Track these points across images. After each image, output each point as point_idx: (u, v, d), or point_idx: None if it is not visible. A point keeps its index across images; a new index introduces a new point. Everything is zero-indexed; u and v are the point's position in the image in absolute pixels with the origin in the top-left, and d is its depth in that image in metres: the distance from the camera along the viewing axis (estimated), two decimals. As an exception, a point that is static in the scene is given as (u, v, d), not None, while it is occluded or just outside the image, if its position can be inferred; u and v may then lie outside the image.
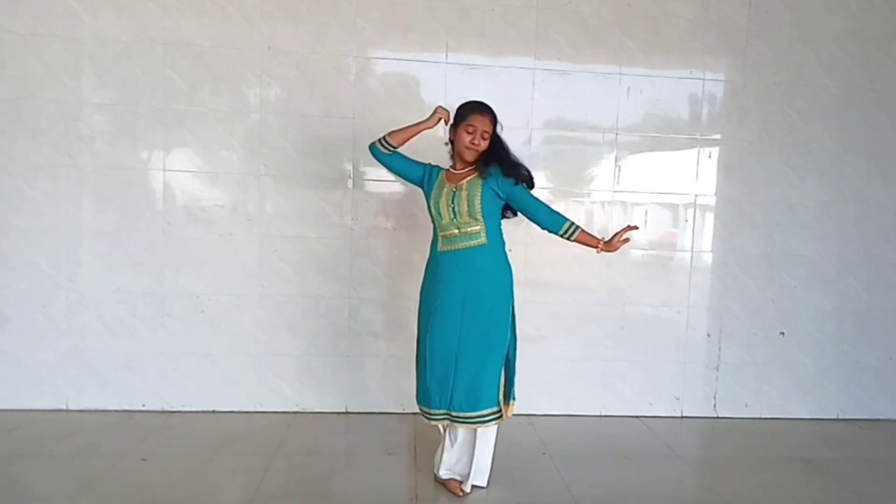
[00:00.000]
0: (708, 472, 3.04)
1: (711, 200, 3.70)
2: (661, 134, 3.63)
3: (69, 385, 3.40)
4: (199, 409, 3.47)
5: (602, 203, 3.64)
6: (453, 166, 2.66)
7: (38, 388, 3.38)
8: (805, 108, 3.68)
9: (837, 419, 3.81)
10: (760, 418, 3.76)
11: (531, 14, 3.49)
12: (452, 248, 2.58)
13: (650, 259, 3.71)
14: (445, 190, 2.58)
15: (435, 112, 2.65)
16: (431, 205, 2.61)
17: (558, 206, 3.56)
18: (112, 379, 3.42)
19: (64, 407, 3.41)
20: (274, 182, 3.44)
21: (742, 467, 3.06)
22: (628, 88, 3.58)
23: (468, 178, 2.58)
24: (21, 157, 3.29)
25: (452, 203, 2.55)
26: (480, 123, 2.54)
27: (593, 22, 3.52)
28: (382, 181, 3.47)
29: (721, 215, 3.70)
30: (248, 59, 3.37)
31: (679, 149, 3.66)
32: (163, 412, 3.43)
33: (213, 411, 3.47)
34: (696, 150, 3.66)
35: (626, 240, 2.60)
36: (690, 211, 3.70)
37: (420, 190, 2.72)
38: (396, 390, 3.55)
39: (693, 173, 3.67)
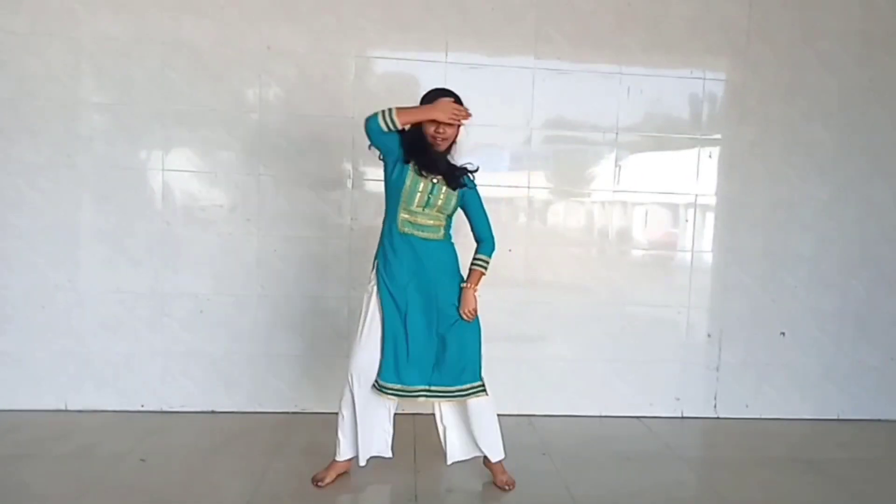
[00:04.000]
0: (708, 472, 3.03)
1: (712, 200, 3.70)
2: (662, 134, 3.63)
3: (68, 385, 3.40)
4: (199, 409, 3.46)
5: (602, 203, 3.63)
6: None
7: (37, 388, 3.38)
8: (806, 108, 3.67)
9: (838, 420, 3.80)
10: (761, 419, 3.75)
11: (531, 14, 3.48)
12: (412, 233, 2.56)
13: (650, 259, 3.71)
14: (423, 180, 2.53)
15: (437, 104, 2.47)
16: (405, 188, 2.52)
17: (558, 206, 3.64)
18: (111, 379, 3.42)
19: (63, 407, 3.40)
20: (273, 182, 3.43)
21: (742, 468, 3.05)
22: (628, 88, 3.57)
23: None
24: (20, 157, 3.29)
25: (430, 195, 2.53)
26: None
27: (593, 21, 3.52)
28: (382, 181, 3.46)
29: (721, 215, 3.70)
30: (247, 59, 3.36)
31: (679, 148, 3.65)
32: (162, 412, 3.42)
33: (213, 411, 3.47)
34: (696, 149, 3.65)
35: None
36: (691, 211, 3.69)
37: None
38: (396, 390, 3.55)
39: (693, 173, 3.67)
